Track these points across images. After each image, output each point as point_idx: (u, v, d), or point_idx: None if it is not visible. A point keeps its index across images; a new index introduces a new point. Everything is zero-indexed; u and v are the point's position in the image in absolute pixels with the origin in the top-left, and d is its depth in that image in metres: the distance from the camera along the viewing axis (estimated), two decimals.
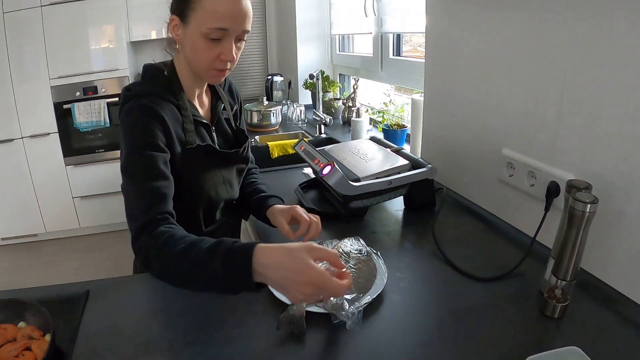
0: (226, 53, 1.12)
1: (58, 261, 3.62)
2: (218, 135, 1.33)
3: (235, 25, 1.09)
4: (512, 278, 1.12)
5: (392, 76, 2.56)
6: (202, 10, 1.06)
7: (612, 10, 0.97)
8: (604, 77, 1.02)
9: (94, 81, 3.57)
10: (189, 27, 1.10)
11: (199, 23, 1.08)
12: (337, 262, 0.85)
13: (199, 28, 1.08)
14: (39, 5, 3.30)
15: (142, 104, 1.11)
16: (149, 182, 1.06)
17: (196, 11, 1.07)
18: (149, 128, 1.09)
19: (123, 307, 1.08)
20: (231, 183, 1.34)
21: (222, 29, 1.08)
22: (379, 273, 1.10)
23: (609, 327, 0.95)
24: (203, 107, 1.31)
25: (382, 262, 1.13)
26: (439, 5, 1.59)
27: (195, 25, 1.09)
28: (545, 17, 1.15)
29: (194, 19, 1.08)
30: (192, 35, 1.10)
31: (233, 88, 1.46)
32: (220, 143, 1.33)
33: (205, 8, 1.06)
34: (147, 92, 1.14)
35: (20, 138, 3.55)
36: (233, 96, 1.45)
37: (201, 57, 1.13)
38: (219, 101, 1.35)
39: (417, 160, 1.49)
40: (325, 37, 3.44)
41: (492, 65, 1.36)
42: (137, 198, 1.05)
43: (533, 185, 1.25)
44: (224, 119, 1.37)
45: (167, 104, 1.15)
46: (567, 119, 1.13)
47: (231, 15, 1.08)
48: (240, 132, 1.40)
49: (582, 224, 0.91)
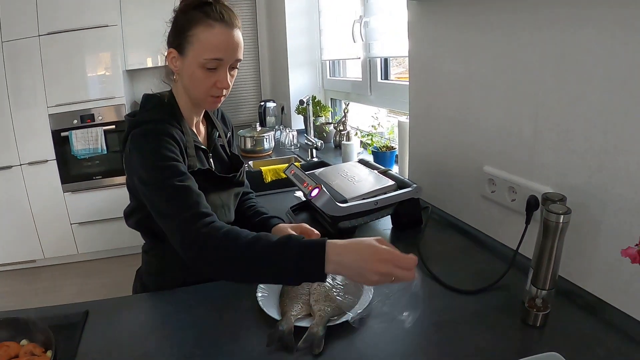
0: (222, 81, 1.20)
1: (57, 287, 3.61)
2: (215, 160, 1.39)
3: (229, 55, 1.18)
4: (495, 290, 1.14)
5: (381, 99, 2.61)
6: (198, 43, 1.15)
7: (580, 30, 1.03)
8: (575, 94, 1.07)
9: (91, 109, 3.62)
10: (186, 59, 1.19)
11: (196, 55, 1.16)
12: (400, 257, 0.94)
13: (197, 59, 1.16)
14: (37, 35, 3.37)
15: (155, 127, 1.17)
16: (183, 183, 1.10)
17: (193, 44, 1.16)
18: (168, 145, 1.15)
19: (121, 325, 1.11)
20: (229, 207, 1.39)
21: (217, 59, 1.16)
22: (365, 289, 1.13)
23: (590, 334, 0.97)
24: (200, 134, 1.37)
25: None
26: (420, 29, 1.65)
27: (192, 56, 1.17)
28: (518, 39, 1.21)
29: (191, 51, 1.17)
30: (190, 65, 1.18)
31: (225, 116, 1.55)
32: (217, 168, 1.37)
33: (201, 41, 1.15)
34: (154, 118, 1.20)
35: (18, 165, 3.58)
36: (226, 124, 1.53)
37: (199, 86, 1.21)
38: (214, 129, 1.42)
39: (403, 180, 1.53)
40: (316, 62, 3.50)
41: (471, 86, 1.42)
42: (175, 196, 1.07)
43: (514, 200, 1.29)
44: (220, 145, 1.44)
45: (174, 128, 1.21)
46: (542, 135, 1.18)
47: (225, 47, 1.16)
48: (235, 157, 1.47)
49: (557, 234, 0.94)
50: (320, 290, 1.10)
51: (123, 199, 1.33)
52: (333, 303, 1.05)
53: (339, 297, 1.08)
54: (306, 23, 3.43)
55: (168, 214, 1.07)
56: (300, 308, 1.05)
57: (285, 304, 1.07)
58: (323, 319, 0.99)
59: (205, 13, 1.15)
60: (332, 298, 1.07)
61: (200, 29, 1.15)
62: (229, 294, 1.19)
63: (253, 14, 4.14)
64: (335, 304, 1.05)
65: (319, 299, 1.07)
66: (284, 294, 1.12)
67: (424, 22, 1.62)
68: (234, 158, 1.47)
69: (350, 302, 1.08)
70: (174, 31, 1.21)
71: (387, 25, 2.37)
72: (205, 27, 1.14)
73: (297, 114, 3.40)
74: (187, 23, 1.16)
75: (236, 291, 1.20)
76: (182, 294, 1.20)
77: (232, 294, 1.19)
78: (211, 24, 1.15)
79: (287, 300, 1.09)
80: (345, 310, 1.04)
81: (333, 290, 1.10)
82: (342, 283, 1.13)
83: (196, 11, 1.16)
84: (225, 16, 1.16)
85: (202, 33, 1.14)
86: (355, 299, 1.09)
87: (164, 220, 1.07)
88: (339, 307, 1.05)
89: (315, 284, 1.11)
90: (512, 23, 1.22)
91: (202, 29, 1.15)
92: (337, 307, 1.04)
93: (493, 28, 1.29)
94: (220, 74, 1.20)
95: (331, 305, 1.05)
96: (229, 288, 1.21)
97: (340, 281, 1.14)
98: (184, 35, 1.17)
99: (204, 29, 1.15)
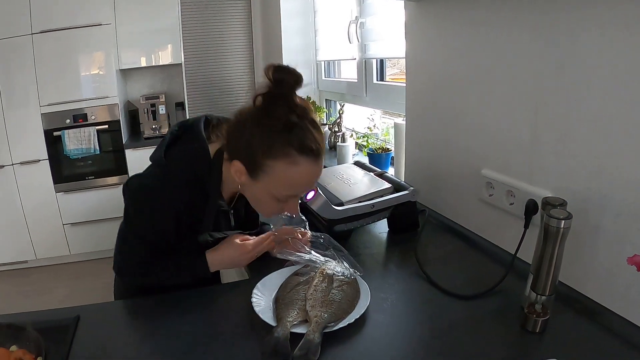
0: (292, 210, 1.12)
1: (48, 288, 3.58)
2: (235, 219, 1.31)
3: (307, 189, 1.15)
4: (494, 295, 1.13)
5: (376, 101, 2.60)
6: (275, 176, 1.01)
7: (581, 33, 1.02)
8: (575, 97, 1.06)
9: (84, 108, 3.59)
10: (256, 184, 1.05)
11: (269, 186, 1.03)
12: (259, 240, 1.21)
13: (269, 191, 1.04)
14: (30, 33, 3.33)
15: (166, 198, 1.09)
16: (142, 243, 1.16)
17: (268, 175, 1.01)
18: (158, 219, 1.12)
19: (113, 331, 1.09)
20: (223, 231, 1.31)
21: (294, 195, 1.07)
22: (363, 294, 1.11)
23: (589, 339, 0.96)
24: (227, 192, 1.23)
25: (365, 283, 1.15)
26: (418, 31, 1.64)
27: (264, 185, 1.03)
28: (518, 40, 1.20)
29: (264, 179, 1.02)
30: (259, 192, 1.07)
31: None
32: (235, 226, 1.31)
33: (279, 177, 1.01)
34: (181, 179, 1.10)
35: (10, 165, 3.54)
36: None
37: (264, 209, 1.13)
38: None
39: (400, 183, 1.52)
40: (311, 63, 3.48)
41: (469, 88, 1.41)
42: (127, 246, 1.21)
43: (512, 204, 1.28)
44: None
45: (194, 194, 1.11)
46: (541, 138, 1.17)
47: (308, 183, 1.07)
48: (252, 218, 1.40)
49: (558, 239, 0.93)
50: (317, 295, 1.07)
51: (116, 199, 1.32)
52: (330, 309, 1.03)
53: (335, 303, 1.06)
54: (301, 23, 3.41)
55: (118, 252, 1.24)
56: (296, 314, 1.03)
57: (281, 309, 1.05)
58: (320, 326, 0.97)
59: (290, 143, 0.98)
60: (329, 304, 1.05)
61: (281, 164, 0.99)
62: (222, 299, 1.18)
63: (248, 13, 4.12)
64: (332, 309, 1.03)
65: (315, 304, 1.04)
66: (279, 299, 1.10)
67: (421, 22, 1.61)
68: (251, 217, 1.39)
69: (347, 307, 1.06)
70: (240, 140, 1.02)
71: (383, 26, 2.36)
72: (288, 164, 0.99)
73: None
74: (265, 147, 0.98)
75: (230, 296, 1.19)
76: (175, 299, 1.18)
77: (226, 299, 1.18)
78: (296, 160, 0.98)
79: (282, 305, 1.06)
80: (342, 316, 1.03)
81: (330, 295, 1.08)
82: (339, 288, 1.11)
83: (280, 135, 0.98)
84: (314, 146, 1.00)
85: (283, 169, 0.99)
86: (352, 303, 1.08)
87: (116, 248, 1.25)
88: (335, 313, 1.02)
89: (311, 289, 1.09)
90: (512, 24, 1.21)
91: (284, 164, 0.99)
92: (334, 313, 1.02)
93: (492, 29, 1.28)
94: (292, 203, 1.09)
95: (328, 311, 1.02)
96: (222, 292, 1.20)
97: (336, 286, 1.12)
98: (258, 161, 1.00)
99: (286, 165, 0.99)
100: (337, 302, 1.06)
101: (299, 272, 1.20)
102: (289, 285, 1.14)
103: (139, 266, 1.19)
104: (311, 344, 0.93)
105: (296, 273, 1.20)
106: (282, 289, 1.14)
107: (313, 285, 1.11)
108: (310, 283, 1.13)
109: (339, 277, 1.15)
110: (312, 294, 1.08)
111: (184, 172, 1.10)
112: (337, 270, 1.17)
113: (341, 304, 1.06)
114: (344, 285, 1.12)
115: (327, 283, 1.12)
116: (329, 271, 1.16)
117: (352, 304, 1.07)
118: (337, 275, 1.15)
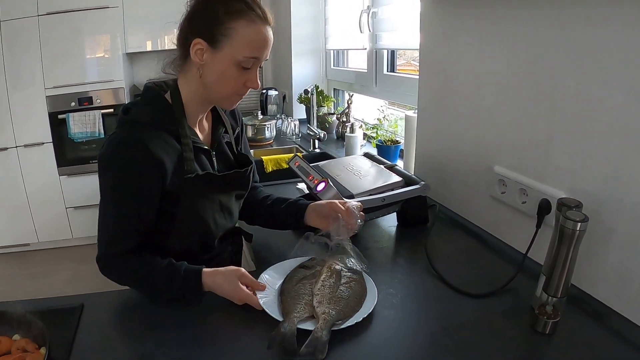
0: (253, 80, 1.13)
1: (49, 271, 3.59)
2: (219, 160, 1.28)
3: (265, 54, 1.11)
4: (503, 294, 1.13)
5: (385, 92, 2.58)
6: (238, 38, 1.05)
7: (601, 30, 1.00)
8: (593, 96, 1.04)
9: (90, 92, 3.57)
10: (219, 53, 1.07)
11: (233, 51, 1.06)
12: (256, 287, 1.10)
13: (234, 56, 1.07)
14: (36, 15, 3.31)
15: (134, 140, 1.07)
16: (120, 221, 1.12)
17: (232, 38, 1.05)
18: (135, 171, 1.07)
19: (118, 321, 1.09)
20: (230, 210, 1.30)
21: (255, 57, 1.08)
22: (370, 292, 1.10)
23: (598, 342, 0.96)
24: (203, 131, 1.26)
25: (372, 280, 1.13)
26: (433, 23, 1.62)
27: (228, 52, 1.07)
28: (537, 36, 1.17)
29: (227, 45, 1.06)
30: (223, 61, 1.08)
31: (235, 110, 1.40)
32: (220, 168, 1.27)
33: (242, 37, 1.05)
34: (143, 119, 1.11)
35: (14, 147, 3.54)
36: (235, 118, 1.40)
37: (228, 84, 1.11)
38: (219, 124, 1.30)
39: (411, 177, 1.50)
40: (320, 51, 3.46)
41: (485, 83, 1.39)
42: (104, 230, 1.13)
43: (525, 203, 1.27)
44: (225, 142, 1.32)
45: (163, 134, 1.12)
46: (557, 137, 1.15)
47: (264, 45, 1.09)
48: (242, 156, 1.35)
49: (573, 242, 0.92)
50: (324, 291, 1.06)
51: None
52: (338, 306, 1.01)
53: (343, 300, 1.04)
54: (312, 11, 3.37)
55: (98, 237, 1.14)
56: (302, 309, 1.01)
57: (287, 303, 1.03)
58: (328, 323, 0.95)
59: (247, 5, 1.06)
60: (337, 300, 1.03)
61: (242, 24, 1.04)
62: None
63: None
64: (340, 307, 1.01)
65: (322, 300, 1.03)
66: (285, 291, 1.08)
67: (437, 13, 1.58)
68: (241, 157, 1.35)
69: (354, 305, 1.04)
70: (205, 19, 1.08)
71: (396, 16, 2.33)
72: (248, 22, 1.05)
73: (299, 103, 3.36)
74: (226, 13, 1.05)
75: None
76: None
77: None
78: (254, 19, 1.05)
79: (288, 299, 1.05)
80: (349, 313, 1.01)
81: (337, 292, 1.06)
82: (347, 284, 1.09)
83: (238, 2, 1.06)
84: (266, 13, 1.09)
85: (244, 28, 1.05)
86: (359, 301, 1.06)
87: (98, 231, 1.14)
88: (343, 311, 1.00)
89: (319, 284, 1.08)
90: (532, 20, 1.18)
91: (245, 23, 1.05)
92: (342, 311, 1.00)
93: (511, 25, 1.26)
94: (252, 73, 1.12)
95: (336, 308, 1.00)
96: None
97: (344, 282, 1.10)
98: (220, 27, 1.05)
99: (246, 23, 1.05)
100: (345, 299, 1.04)
101: (305, 264, 1.19)
102: (295, 278, 1.13)
103: (123, 258, 1.13)
104: (319, 342, 0.91)
105: (302, 265, 1.19)
106: (288, 281, 1.13)
107: (320, 280, 1.09)
108: (317, 278, 1.11)
109: (347, 274, 1.13)
110: (319, 289, 1.07)
111: (144, 114, 1.13)
112: (345, 267, 1.15)
113: (349, 301, 1.04)
114: (352, 282, 1.11)
115: (334, 279, 1.10)
116: (337, 266, 1.15)
117: (359, 301, 1.06)
118: (344, 272, 1.14)
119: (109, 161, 1.09)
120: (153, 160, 1.07)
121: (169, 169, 1.10)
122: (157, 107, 1.15)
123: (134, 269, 1.12)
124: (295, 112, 3.58)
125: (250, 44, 1.06)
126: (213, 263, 1.30)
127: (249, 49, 1.07)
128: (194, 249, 1.25)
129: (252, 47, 1.07)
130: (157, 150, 1.07)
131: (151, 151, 1.06)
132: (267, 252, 1.38)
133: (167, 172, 1.10)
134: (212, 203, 1.22)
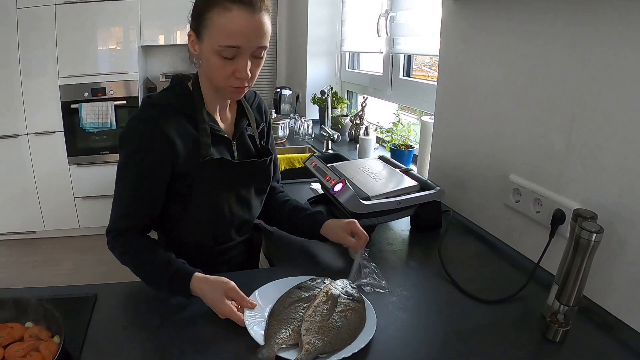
0: (240, 70, 1.09)
1: (54, 260, 3.61)
2: (239, 151, 1.28)
3: (248, 43, 1.07)
4: (515, 301, 1.14)
5: (400, 96, 2.58)
6: (213, 27, 1.05)
7: (622, 45, 1.01)
8: (613, 110, 1.05)
9: (103, 83, 3.59)
10: (202, 44, 1.09)
11: (211, 41, 1.07)
12: (243, 303, 1.04)
13: (211, 46, 1.07)
14: (53, 4, 3.33)
15: (149, 117, 1.12)
16: (131, 197, 1.15)
17: (208, 28, 1.06)
18: (146, 147, 1.11)
19: (132, 313, 1.09)
20: (249, 203, 1.31)
21: (233, 46, 1.06)
22: (369, 322, 1.01)
23: (607, 353, 0.97)
24: (225, 121, 1.28)
25: (373, 310, 1.05)
26: (454, 30, 1.63)
27: (207, 42, 1.08)
28: (558, 49, 1.19)
29: (206, 36, 1.07)
30: (206, 52, 1.09)
31: (262, 106, 1.42)
32: (240, 159, 1.27)
33: (216, 25, 1.05)
34: (163, 102, 1.16)
35: (25, 134, 3.55)
36: (261, 114, 1.41)
37: (216, 74, 1.11)
38: (243, 117, 1.31)
39: (426, 181, 1.51)
40: (336, 53, 3.47)
41: (504, 92, 1.40)
42: (116, 205, 1.17)
43: (539, 212, 1.28)
44: (248, 135, 1.33)
45: (181, 118, 1.15)
46: (574, 149, 1.16)
47: (243, 33, 1.05)
48: (264, 149, 1.35)
49: (587, 252, 0.93)
50: (315, 318, 0.97)
51: None
52: (326, 337, 0.92)
53: (333, 331, 0.95)
54: (329, 12, 3.39)
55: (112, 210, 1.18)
56: (288, 335, 0.93)
57: (272, 327, 0.96)
58: (310, 355, 0.87)
59: None
60: (327, 330, 0.94)
61: (216, 12, 1.04)
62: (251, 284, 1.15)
63: None
64: (328, 338, 0.92)
65: (310, 328, 0.94)
66: (274, 313, 1.01)
67: (458, 22, 1.59)
68: (262, 150, 1.35)
69: (346, 337, 0.94)
70: (193, 11, 1.11)
71: (415, 21, 2.34)
72: (221, 10, 1.03)
73: (312, 104, 3.37)
74: (203, 4, 1.06)
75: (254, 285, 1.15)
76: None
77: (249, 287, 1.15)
78: (228, 6, 1.03)
79: (275, 322, 0.97)
80: (338, 346, 0.92)
81: (329, 320, 0.97)
82: (342, 313, 1.00)
83: None
84: None
85: (217, 17, 1.04)
86: (353, 334, 0.96)
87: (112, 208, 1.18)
88: (331, 343, 0.91)
89: (310, 310, 0.99)
90: (553, 33, 1.20)
91: (218, 11, 1.04)
92: (330, 342, 0.91)
93: (532, 37, 1.27)
94: (239, 62, 1.08)
95: (323, 339, 0.91)
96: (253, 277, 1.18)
97: (339, 310, 1.01)
98: (200, 18, 1.07)
99: (219, 11, 1.03)
100: (336, 329, 0.95)
101: (302, 285, 1.10)
102: (288, 300, 1.04)
103: (128, 237, 1.17)
104: None
105: (298, 286, 1.09)
106: (280, 302, 1.04)
107: (313, 306, 1.00)
108: (311, 302, 1.02)
109: (344, 301, 1.04)
110: (310, 315, 0.98)
111: (164, 97, 1.19)
112: (343, 292, 1.07)
113: (340, 332, 0.95)
114: (348, 310, 1.01)
115: (329, 305, 1.01)
116: (335, 291, 1.06)
117: (353, 334, 0.96)
118: (342, 298, 1.05)
119: (124, 139, 1.14)
120: (163, 138, 1.11)
121: (180, 150, 1.13)
122: (178, 92, 1.20)
123: (135, 251, 1.15)
124: (308, 112, 3.59)
125: (224, 32, 1.04)
126: (226, 256, 1.32)
127: (224, 37, 1.05)
128: (207, 239, 1.27)
129: (227, 35, 1.05)
130: (169, 130, 1.12)
131: (162, 129, 1.11)
132: (288, 248, 1.40)
133: (179, 153, 1.13)
134: (229, 192, 1.24)
